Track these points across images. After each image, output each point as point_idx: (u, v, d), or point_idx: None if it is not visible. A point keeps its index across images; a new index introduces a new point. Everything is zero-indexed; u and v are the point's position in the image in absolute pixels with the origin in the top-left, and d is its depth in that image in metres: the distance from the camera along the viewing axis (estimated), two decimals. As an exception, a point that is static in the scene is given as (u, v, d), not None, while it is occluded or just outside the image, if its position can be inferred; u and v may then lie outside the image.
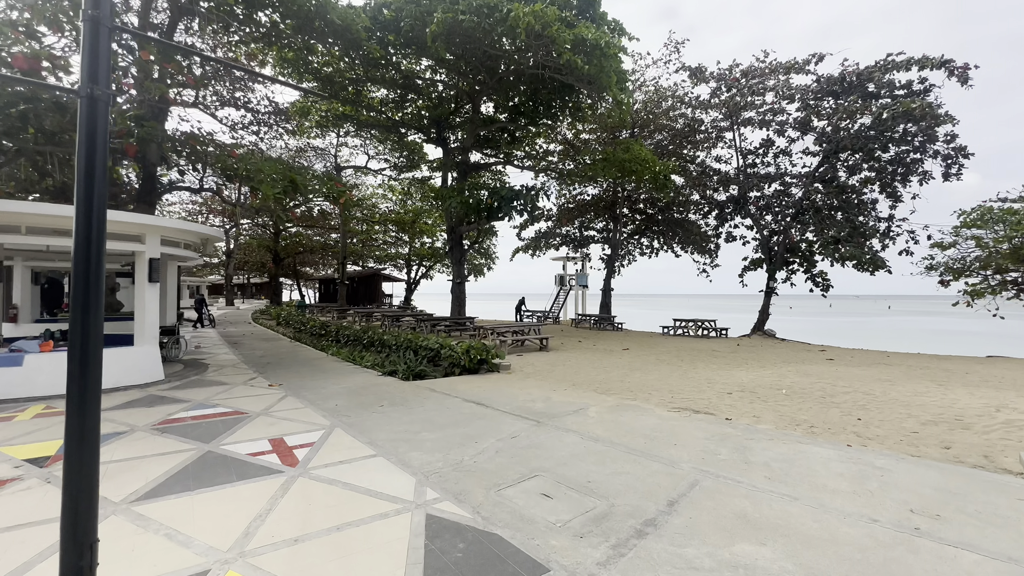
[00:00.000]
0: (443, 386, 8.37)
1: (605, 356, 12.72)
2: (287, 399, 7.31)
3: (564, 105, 21.76)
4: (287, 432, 5.53)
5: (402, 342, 11.55)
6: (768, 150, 21.39)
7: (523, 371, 10.18)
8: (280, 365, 10.74)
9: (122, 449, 4.86)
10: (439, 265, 43.89)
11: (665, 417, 6.36)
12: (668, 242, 30.03)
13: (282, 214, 9.55)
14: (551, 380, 9.14)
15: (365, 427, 5.76)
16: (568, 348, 14.46)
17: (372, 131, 26.61)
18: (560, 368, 10.64)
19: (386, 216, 33.66)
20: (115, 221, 7.83)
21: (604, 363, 11.45)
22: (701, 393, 8.00)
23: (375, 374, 9.61)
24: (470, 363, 9.52)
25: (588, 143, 26.73)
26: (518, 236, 30.96)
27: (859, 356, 13.73)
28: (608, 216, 29.96)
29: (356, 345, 13.94)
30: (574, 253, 32.39)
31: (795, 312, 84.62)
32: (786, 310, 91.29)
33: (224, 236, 11.91)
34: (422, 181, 29.00)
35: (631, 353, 13.43)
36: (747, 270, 22.30)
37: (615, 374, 9.90)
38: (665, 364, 11.38)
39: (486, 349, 9.83)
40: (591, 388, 8.38)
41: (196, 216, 40.50)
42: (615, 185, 28.36)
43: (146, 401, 7.04)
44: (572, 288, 34.22)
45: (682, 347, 15.17)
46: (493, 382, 8.83)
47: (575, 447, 5.06)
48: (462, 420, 6.10)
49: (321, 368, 10.32)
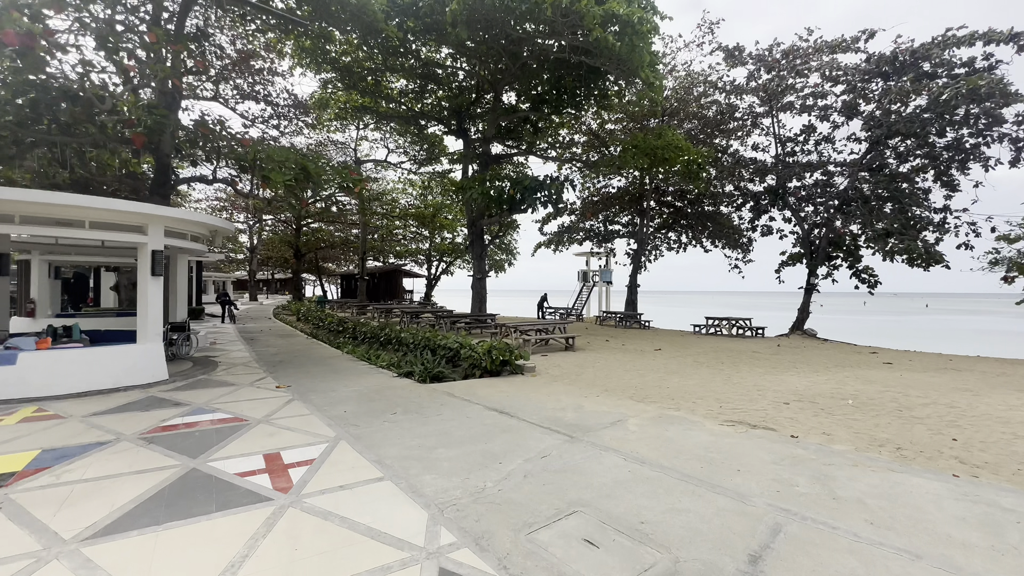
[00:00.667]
0: (462, 390, 7.64)
1: (637, 357, 11.81)
2: (293, 403, 6.68)
3: (589, 93, 20.76)
4: (286, 445, 4.87)
5: (419, 341, 10.88)
6: (809, 137, 19.95)
7: (549, 374, 9.38)
8: (292, 364, 10.20)
9: (98, 465, 4.27)
10: (459, 261, 43.40)
11: (718, 433, 5.48)
12: (697, 236, 28.76)
13: (295, 204, 8.92)
14: (581, 385, 8.32)
15: (374, 440, 5.06)
16: (596, 348, 13.58)
17: (392, 124, 26.09)
18: (589, 371, 9.79)
19: (406, 211, 33.21)
20: (114, 210, 7.34)
21: (637, 365, 10.55)
22: (753, 403, 7.06)
23: (390, 375, 8.96)
24: (492, 365, 8.77)
25: (614, 133, 25.63)
26: (540, 231, 30.07)
27: (918, 360, 12.45)
28: (634, 210, 28.82)
29: (372, 343, 13.37)
30: (598, 248, 31.39)
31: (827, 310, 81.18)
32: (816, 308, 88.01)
33: (234, 228, 11.47)
34: (442, 175, 28.38)
35: (665, 354, 12.48)
36: (785, 265, 20.96)
37: (651, 378, 9.01)
38: (705, 367, 10.41)
39: (509, 349, 9.07)
40: (626, 395, 7.53)
41: (220, 212, 40.94)
42: (642, 177, 27.23)
43: (143, 404, 6.51)
44: (596, 284, 33.24)
45: (719, 347, 14.12)
46: (517, 386, 8.06)
47: (618, 471, 4.24)
48: (483, 433, 5.34)
49: (334, 368, 9.73)
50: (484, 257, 19.75)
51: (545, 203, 14.81)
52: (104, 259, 15.46)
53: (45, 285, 13.19)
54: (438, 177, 28.68)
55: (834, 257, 19.79)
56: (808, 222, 20.20)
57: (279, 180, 8.51)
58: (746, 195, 22.58)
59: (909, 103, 17.58)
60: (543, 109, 21.24)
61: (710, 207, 25.70)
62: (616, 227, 30.28)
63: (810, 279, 19.74)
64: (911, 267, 17.75)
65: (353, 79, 20.48)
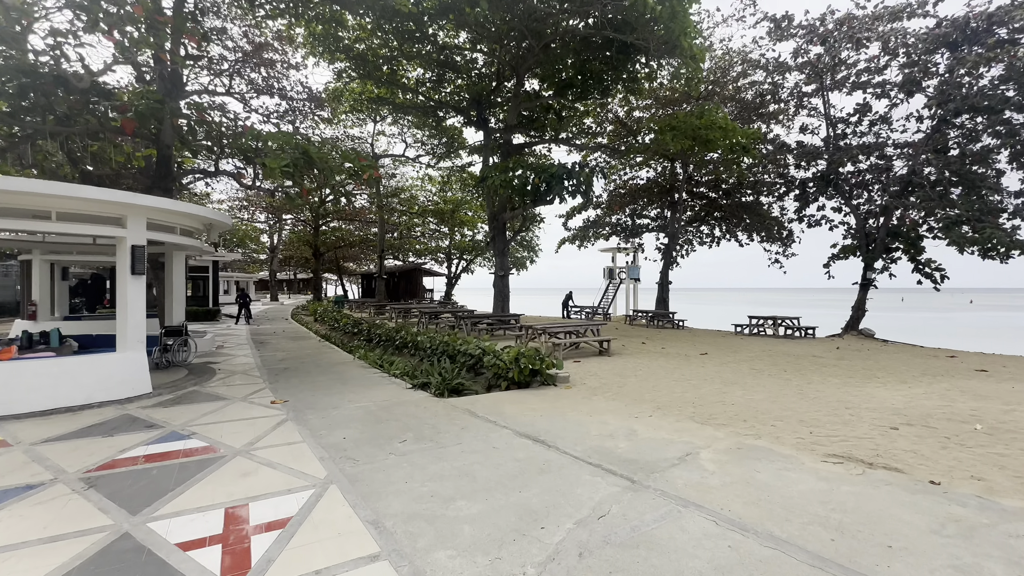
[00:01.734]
0: (486, 407, 6.42)
1: (683, 363, 10.40)
2: (285, 425, 5.58)
3: (617, 77, 19.34)
4: (259, 492, 3.74)
5: (437, 346, 9.73)
6: (863, 117, 18.06)
7: (586, 384, 8.09)
8: (298, 372, 9.17)
9: (3, 525, 3.20)
10: (480, 258, 42.36)
11: (828, 476, 4.12)
12: (731, 230, 26.99)
13: (295, 195, 7.87)
14: (626, 399, 7.01)
15: (374, 484, 3.88)
16: (633, 351, 12.21)
17: (409, 116, 25.13)
18: (632, 380, 8.46)
19: (425, 208, 32.27)
20: (87, 199, 6.37)
21: (686, 373, 9.16)
22: (849, 427, 5.64)
23: (403, 386, 7.82)
24: (520, 375, 7.54)
25: (642, 121, 24.05)
26: (564, 225, 28.69)
27: (1013, 365, 10.69)
28: (664, 202, 27.19)
29: (387, 346, 12.31)
30: (625, 243, 29.85)
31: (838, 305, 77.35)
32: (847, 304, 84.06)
33: (230, 222, 10.55)
34: (462, 169, 27.27)
35: (714, 359, 11.03)
36: (836, 259, 19.10)
37: (708, 390, 7.63)
38: (767, 375, 8.95)
39: (540, 357, 7.82)
40: (685, 414, 6.19)
41: (241, 211, 40.83)
42: (672, 167, 25.59)
43: (110, 426, 5.50)
44: (623, 281, 31.73)
45: (772, 351, 12.57)
46: (550, 401, 6.81)
47: (714, 546, 2.95)
48: (516, 475, 4.11)
49: (342, 377, 8.65)
50: (506, 253, 18.54)
51: (573, 192, 13.48)
52: (112, 259, 14.87)
53: (47, 286, 12.54)
54: (457, 171, 27.57)
55: (893, 249, 17.86)
56: (863, 211, 18.32)
57: (275, 166, 7.47)
58: (790, 183, 20.76)
59: (983, 75, 15.62)
60: (568, 95, 19.89)
61: (749, 197, 23.90)
62: (644, 221, 28.73)
63: (866, 274, 17.88)
64: (983, 259, 15.78)
65: (368, 68, 19.52)
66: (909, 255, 17.61)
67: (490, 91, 20.58)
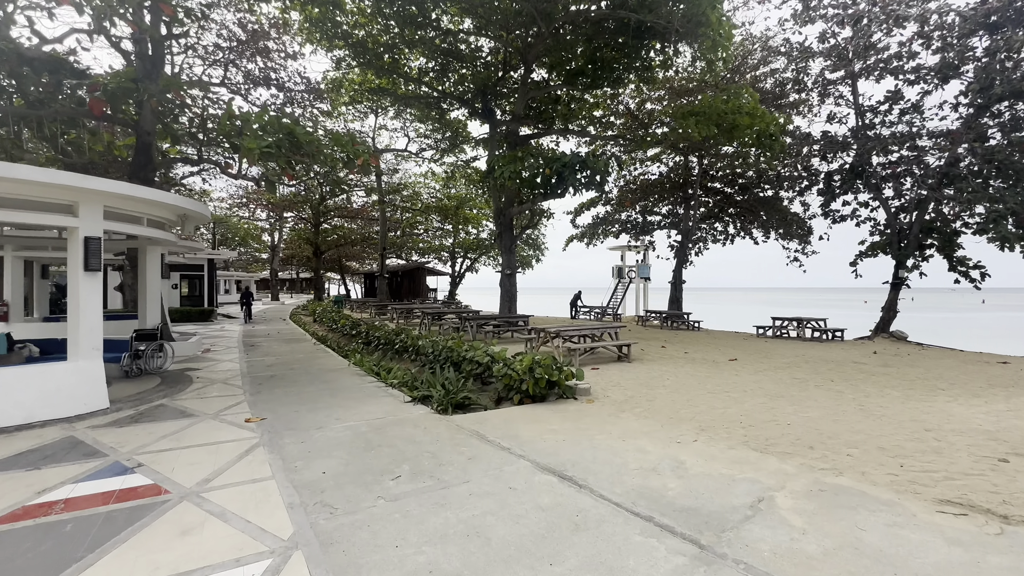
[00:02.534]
0: (498, 428, 5.42)
1: (712, 370, 9.36)
2: (256, 453, 4.60)
3: (630, 65, 18.29)
4: (196, 565, 2.75)
5: (440, 351, 8.74)
6: (894, 105, 16.93)
7: (610, 397, 7.07)
8: (284, 380, 8.20)
9: None
10: (484, 257, 41.39)
11: (956, 537, 3.09)
12: (746, 226, 25.92)
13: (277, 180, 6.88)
14: (660, 417, 5.99)
15: (353, 551, 2.89)
16: (654, 356, 11.17)
17: (411, 109, 24.15)
18: (662, 392, 7.43)
19: (428, 205, 31.31)
20: (29, 181, 5.40)
21: (720, 383, 8.12)
22: (946, 458, 4.59)
23: (401, 399, 6.83)
24: (536, 388, 6.53)
25: (653, 114, 22.96)
26: (572, 222, 27.71)
27: (1081, 374, 9.58)
28: (678, 198, 26.14)
29: (387, 350, 11.34)
30: (635, 241, 28.81)
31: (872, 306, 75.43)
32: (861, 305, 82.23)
33: (208, 213, 9.57)
34: (466, 163, 26.27)
35: (746, 365, 9.98)
36: (864, 256, 17.96)
37: (751, 405, 6.59)
38: (813, 386, 7.89)
39: (557, 366, 6.81)
40: (736, 437, 5.17)
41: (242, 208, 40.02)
42: (686, 160, 24.52)
43: (42, 455, 4.54)
44: (632, 281, 30.70)
45: (806, 356, 11.50)
46: (573, 420, 5.80)
47: None
48: (543, 534, 3.10)
49: (333, 387, 7.68)
50: (513, 250, 17.53)
51: (587, 183, 12.44)
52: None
53: (20, 285, 11.64)
54: (462, 166, 26.56)
55: (926, 246, 16.72)
56: (894, 205, 17.19)
57: (254, 146, 6.50)
58: (813, 176, 19.64)
59: (1027, 57, 14.49)
60: (578, 85, 18.83)
61: (766, 192, 22.80)
62: (655, 218, 27.70)
63: (898, 272, 16.75)
64: (1027, 256, 14.64)
65: (368, 56, 18.55)
66: (944, 252, 16.47)
67: (496, 80, 19.59)
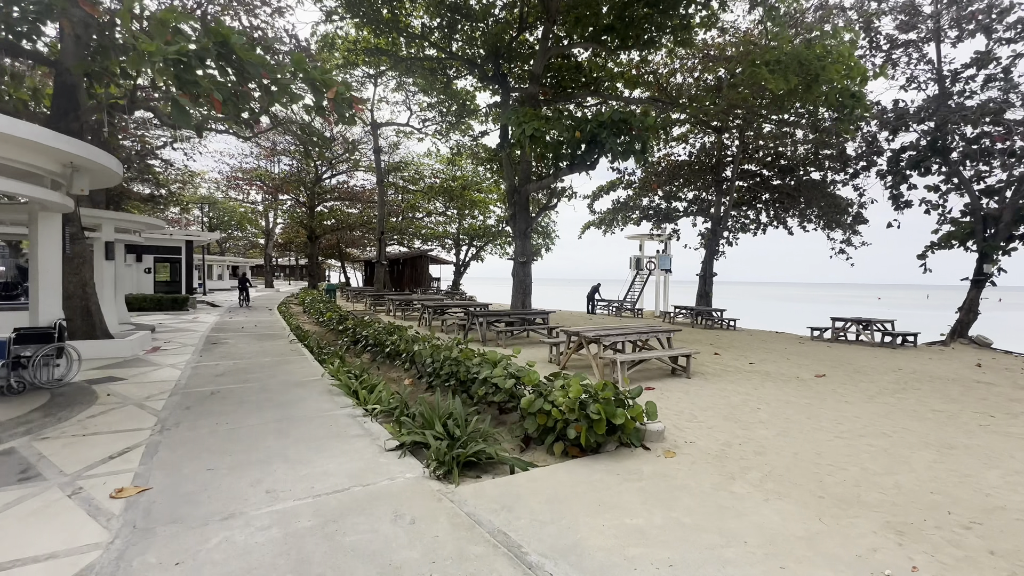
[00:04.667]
0: (540, 525, 3.08)
1: (805, 393, 6.99)
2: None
3: (664, 23, 15.73)
4: None
5: (443, 363, 6.40)
6: (982, 68, 14.30)
7: (695, 444, 4.72)
8: (224, 404, 5.89)
9: None
10: (490, 245, 39.04)
11: None
12: (779, 214, 23.44)
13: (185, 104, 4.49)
14: (800, 492, 3.64)
15: None
16: (713, 368, 8.81)
17: (413, 78, 21.59)
18: (763, 433, 5.08)
19: (431, 186, 28.85)
20: None
21: (834, 417, 5.77)
22: None
23: (382, 441, 4.51)
24: (591, 438, 4.18)
25: (682, 88, 20.31)
26: (590, 207, 25.22)
27: None
28: (707, 182, 23.60)
29: (376, 354, 9.04)
30: (656, 230, 26.36)
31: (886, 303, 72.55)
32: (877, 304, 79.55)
33: (109, 163, 7.31)
34: (474, 139, 23.73)
35: (842, 385, 7.62)
36: (935, 248, 15.47)
37: (922, 465, 4.23)
38: (977, 425, 5.50)
39: (619, 397, 4.46)
40: (975, 553, 2.81)
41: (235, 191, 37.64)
42: (720, 139, 21.93)
43: None
44: (651, 272, 28.30)
45: (903, 369, 9.12)
46: (662, 499, 3.45)
47: None
48: None
49: (289, 416, 5.36)
50: (529, 235, 15.11)
51: (626, 151, 9.99)
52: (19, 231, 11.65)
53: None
54: (470, 143, 24.02)
55: (1015, 237, 14.18)
56: (976, 189, 14.63)
57: (154, 51, 4.13)
58: (873, 155, 17.07)
59: None
60: (606, 43, 16.22)
61: (815, 174, 20.22)
62: (680, 204, 25.22)
63: (982, 266, 14.26)
64: None
65: (364, 8, 16.05)
66: (1035, 245, 13.96)
67: (510, 41, 17.05)
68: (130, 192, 22.59)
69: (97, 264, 10.78)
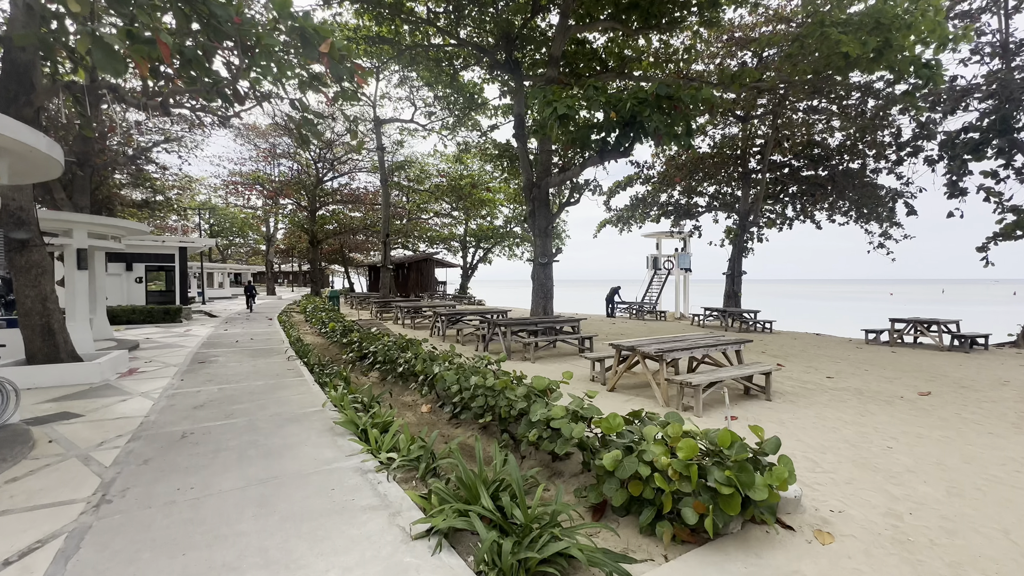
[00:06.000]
0: None
1: (922, 416, 5.60)
2: None
3: (688, 2, 14.46)
4: None
5: (474, 392, 5.05)
6: (1050, 40, 12.85)
7: (855, 521, 3.34)
8: (197, 452, 4.56)
9: None
10: (497, 247, 37.75)
11: None
12: (805, 207, 22.01)
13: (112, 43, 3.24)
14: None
15: None
16: (791, 387, 7.41)
17: (417, 71, 20.32)
18: (924, 491, 3.70)
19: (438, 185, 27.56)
20: None
21: (994, 451, 4.39)
22: None
23: (403, 528, 3.14)
24: (719, 519, 2.81)
25: (702, 76, 18.92)
26: (606, 204, 23.82)
27: None
28: (729, 174, 22.20)
29: (386, 373, 7.72)
30: (674, 227, 24.96)
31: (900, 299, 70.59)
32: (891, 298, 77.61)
33: (57, 147, 6.20)
34: (482, 134, 22.39)
35: (957, 402, 6.22)
36: (996, 240, 14.01)
37: None
38: None
39: (753, 456, 3.08)
40: None
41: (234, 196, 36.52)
42: (746, 127, 20.54)
43: None
44: (670, 272, 26.96)
45: (1014, 380, 7.70)
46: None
47: None
48: None
49: (278, 472, 4.02)
50: (550, 233, 13.74)
51: (668, 132, 8.61)
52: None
53: None
54: (478, 137, 22.68)
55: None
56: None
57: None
58: (921, 138, 15.62)
59: None
60: (629, 22, 14.89)
61: (853, 162, 18.76)
62: (702, 199, 23.82)
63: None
64: None
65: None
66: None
67: (523, 25, 15.77)
68: (121, 197, 21.38)
69: (68, 274, 9.50)
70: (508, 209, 33.56)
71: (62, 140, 14.98)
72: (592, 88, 8.47)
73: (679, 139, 8.63)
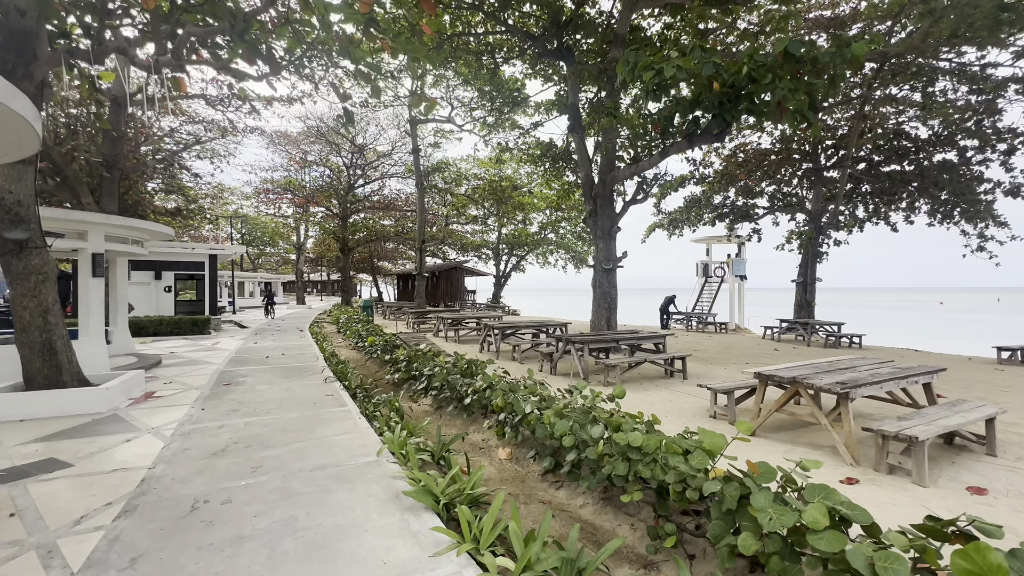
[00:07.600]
0: None
1: None
2: None
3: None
4: None
5: (600, 449, 3.42)
6: None
7: None
8: (207, 542, 3.07)
9: None
10: (532, 255, 36.24)
11: None
12: (879, 208, 19.83)
13: None
14: None
15: None
16: (1002, 434, 5.56)
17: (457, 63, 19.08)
18: None
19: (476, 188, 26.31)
20: None
21: None
22: None
23: None
24: None
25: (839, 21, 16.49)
26: (657, 207, 22.02)
27: None
28: (793, 172, 20.19)
29: (445, 402, 6.21)
30: (728, 231, 22.99)
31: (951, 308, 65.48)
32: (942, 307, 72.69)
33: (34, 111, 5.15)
34: (525, 132, 20.92)
35: None
36: None
37: None
38: None
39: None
40: None
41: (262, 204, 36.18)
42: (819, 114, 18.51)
43: None
44: (723, 280, 24.94)
45: None
46: None
47: None
48: None
49: (330, 597, 2.49)
50: (614, 235, 12.07)
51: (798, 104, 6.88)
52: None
53: None
54: (518, 136, 21.24)
55: None
56: None
57: None
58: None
59: None
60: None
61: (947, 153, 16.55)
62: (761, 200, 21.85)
63: None
64: None
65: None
66: None
67: (577, 4, 14.34)
68: (153, 205, 20.76)
69: (82, 283, 8.35)
70: (543, 215, 32.11)
71: (91, 141, 14.24)
72: (699, 49, 6.86)
73: (807, 116, 6.90)
